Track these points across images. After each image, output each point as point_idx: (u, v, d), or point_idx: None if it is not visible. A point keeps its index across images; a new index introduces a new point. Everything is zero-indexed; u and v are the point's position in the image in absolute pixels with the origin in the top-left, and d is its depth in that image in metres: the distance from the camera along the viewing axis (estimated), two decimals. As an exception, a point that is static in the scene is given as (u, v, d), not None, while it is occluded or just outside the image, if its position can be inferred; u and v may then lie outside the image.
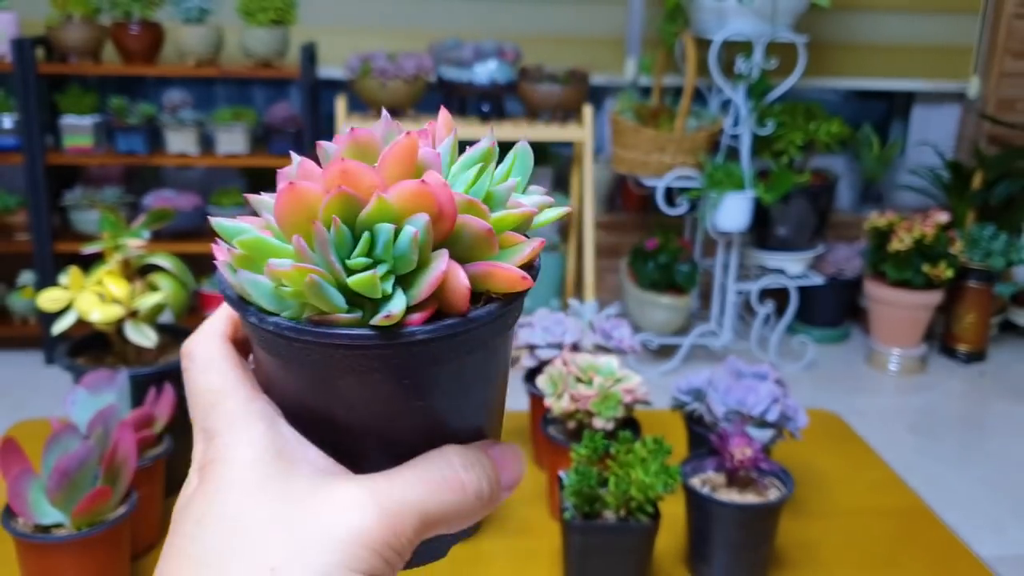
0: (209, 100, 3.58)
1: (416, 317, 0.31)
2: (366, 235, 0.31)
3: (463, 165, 0.35)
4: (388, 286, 0.31)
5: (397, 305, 0.31)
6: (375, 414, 0.33)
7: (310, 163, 0.32)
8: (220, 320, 0.36)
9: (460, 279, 0.31)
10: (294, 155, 0.34)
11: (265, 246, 0.32)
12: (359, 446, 0.33)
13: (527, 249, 0.33)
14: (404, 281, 0.32)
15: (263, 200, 0.34)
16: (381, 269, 0.31)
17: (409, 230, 0.31)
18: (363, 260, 0.31)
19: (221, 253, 0.34)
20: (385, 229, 0.31)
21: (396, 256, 0.31)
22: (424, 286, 0.31)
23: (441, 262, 0.31)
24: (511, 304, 0.33)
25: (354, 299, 0.31)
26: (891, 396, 3.17)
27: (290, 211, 0.31)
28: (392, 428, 0.33)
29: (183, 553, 0.30)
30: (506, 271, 0.32)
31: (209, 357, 0.35)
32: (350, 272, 0.31)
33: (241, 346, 0.36)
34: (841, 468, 1.35)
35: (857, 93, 3.84)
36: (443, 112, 0.36)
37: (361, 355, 0.31)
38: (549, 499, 1.19)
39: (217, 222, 0.33)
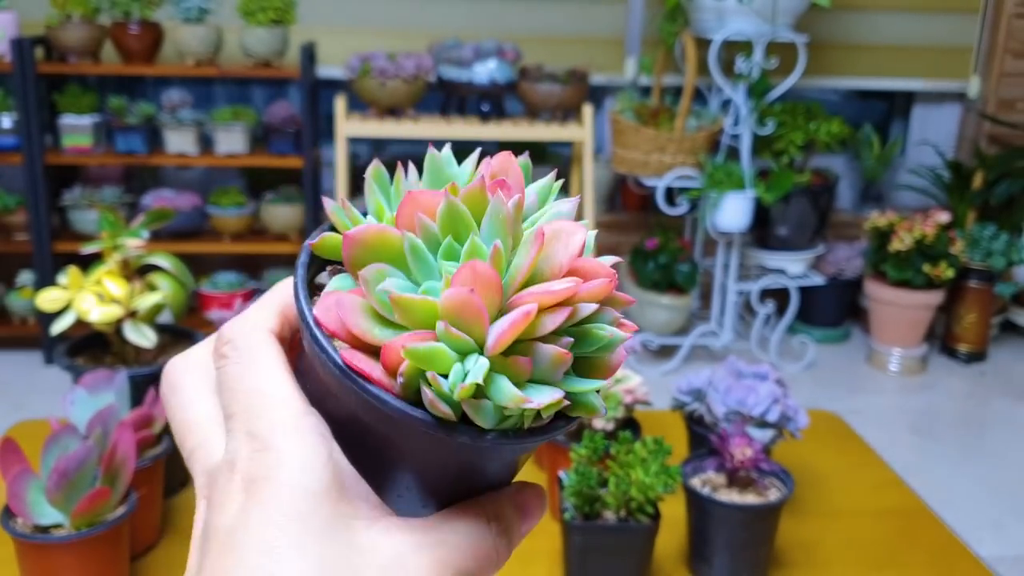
0: (208, 100, 3.58)
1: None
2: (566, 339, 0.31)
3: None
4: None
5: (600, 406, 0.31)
6: (432, 467, 0.32)
7: (485, 269, 0.28)
8: (268, 311, 0.34)
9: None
10: (431, 227, 0.31)
11: (488, 375, 0.29)
12: (398, 485, 0.33)
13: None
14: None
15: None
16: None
17: (619, 335, 0.31)
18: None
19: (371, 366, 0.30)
20: (599, 338, 0.31)
21: (593, 360, 0.32)
22: (610, 365, 0.32)
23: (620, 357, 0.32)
24: None
25: None
26: (891, 396, 3.17)
27: (509, 336, 0.29)
28: (442, 476, 0.33)
29: None
30: (629, 323, 0.33)
31: (255, 353, 0.32)
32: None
33: (286, 344, 0.34)
34: (841, 468, 1.35)
35: (857, 93, 3.84)
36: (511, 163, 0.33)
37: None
38: (549, 499, 1.19)
39: (412, 348, 0.28)
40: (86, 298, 1.14)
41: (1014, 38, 3.55)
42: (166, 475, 1.13)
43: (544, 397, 0.29)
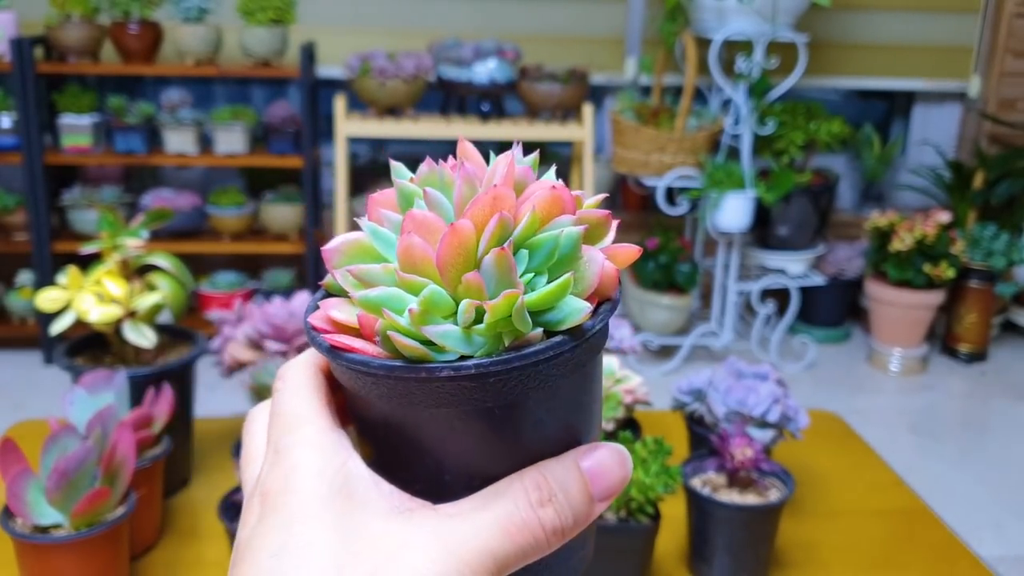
0: (208, 99, 3.57)
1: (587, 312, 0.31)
2: (523, 252, 0.31)
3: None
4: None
5: (582, 307, 0.31)
6: (462, 439, 0.32)
7: (422, 214, 0.31)
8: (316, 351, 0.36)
9: (611, 266, 0.32)
10: (389, 215, 0.34)
11: (439, 298, 0.30)
12: (443, 471, 0.32)
13: (612, 233, 0.34)
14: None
15: (379, 237, 0.33)
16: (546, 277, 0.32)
17: (572, 231, 0.31)
18: (530, 275, 0.31)
19: (337, 325, 0.33)
20: (549, 239, 0.31)
21: (560, 261, 0.32)
22: (591, 281, 0.32)
23: (596, 254, 0.32)
24: (618, 300, 0.34)
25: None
26: (892, 396, 3.17)
27: (453, 252, 0.30)
28: (476, 448, 0.32)
29: None
30: (628, 248, 0.34)
31: (298, 383, 0.35)
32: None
33: (331, 376, 0.36)
34: (842, 468, 1.34)
35: (858, 92, 3.83)
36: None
37: (556, 364, 0.31)
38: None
39: (364, 296, 0.31)
40: (85, 298, 1.14)
41: (1014, 37, 3.55)
42: (166, 475, 1.13)
43: (496, 299, 0.29)
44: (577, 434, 0.33)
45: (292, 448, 0.32)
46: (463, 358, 0.30)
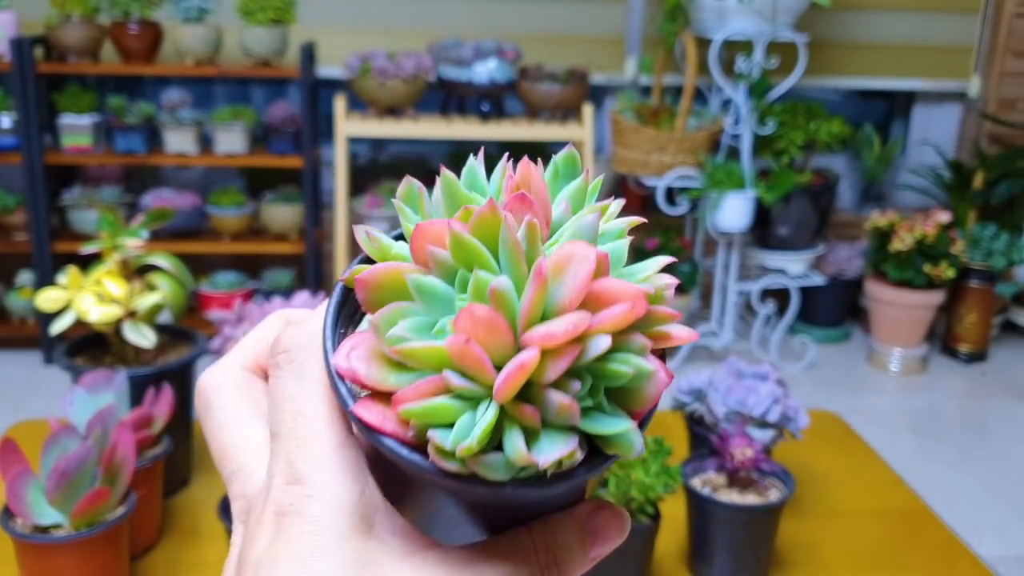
0: (208, 99, 3.57)
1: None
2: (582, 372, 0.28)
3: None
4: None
5: (637, 443, 0.28)
6: (474, 504, 0.31)
7: (487, 315, 0.26)
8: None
9: (665, 380, 0.29)
10: (441, 258, 0.28)
11: (494, 425, 0.28)
12: (445, 515, 0.32)
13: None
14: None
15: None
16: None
17: (644, 368, 0.27)
18: (585, 397, 0.28)
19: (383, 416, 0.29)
20: (616, 374, 0.27)
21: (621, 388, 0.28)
22: (645, 404, 0.29)
23: (659, 375, 0.28)
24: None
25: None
26: (892, 396, 3.17)
27: (515, 383, 0.27)
28: (487, 510, 0.31)
29: None
30: (683, 331, 0.29)
31: (308, 369, 0.31)
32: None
33: None
34: (842, 468, 1.34)
35: (858, 92, 3.83)
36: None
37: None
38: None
39: (407, 409, 0.28)
40: (85, 298, 1.14)
41: (1015, 37, 3.55)
42: (166, 475, 1.13)
43: (552, 453, 0.27)
44: (582, 492, 0.34)
45: (306, 467, 0.30)
46: None
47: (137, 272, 1.22)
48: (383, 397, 0.28)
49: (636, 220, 0.31)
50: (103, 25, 2.97)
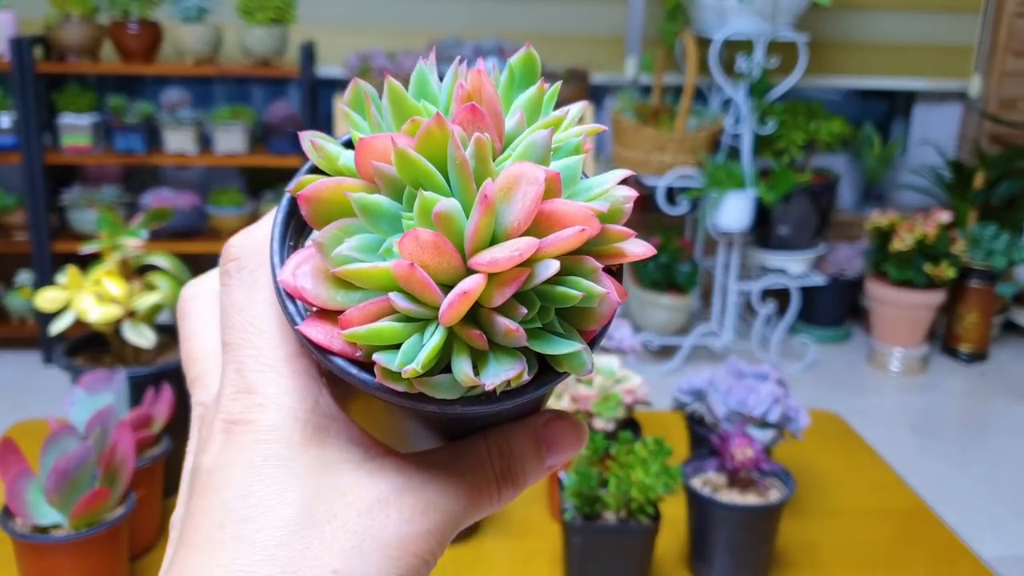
0: (208, 99, 3.57)
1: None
2: (530, 296, 0.28)
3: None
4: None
5: (587, 363, 0.28)
6: (426, 416, 0.30)
7: (432, 239, 0.26)
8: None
9: (616, 301, 0.28)
10: (387, 174, 0.27)
11: (441, 348, 0.28)
12: (400, 425, 0.31)
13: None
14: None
15: None
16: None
17: (595, 290, 0.27)
18: (532, 319, 0.27)
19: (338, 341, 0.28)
20: (563, 296, 0.27)
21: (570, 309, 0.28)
22: (596, 323, 0.28)
23: (611, 294, 0.28)
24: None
25: None
26: (892, 396, 3.17)
27: (460, 308, 0.26)
28: (441, 422, 0.31)
29: (234, 532, 0.28)
30: (638, 247, 0.29)
31: (259, 278, 0.30)
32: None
33: None
34: (842, 469, 1.34)
35: (858, 92, 3.83)
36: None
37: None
38: (549, 500, 1.19)
39: (351, 332, 0.27)
40: (85, 298, 1.14)
41: (1015, 37, 3.55)
42: (165, 475, 1.12)
43: (499, 376, 0.26)
44: (539, 403, 0.33)
45: (258, 376, 0.29)
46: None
47: (137, 272, 1.22)
48: (331, 315, 0.28)
49: (596, 127, 0.30)
50: (103, 25, 2.97)
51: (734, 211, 2.93)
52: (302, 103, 3.01)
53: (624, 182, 0.29)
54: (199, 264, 3.25)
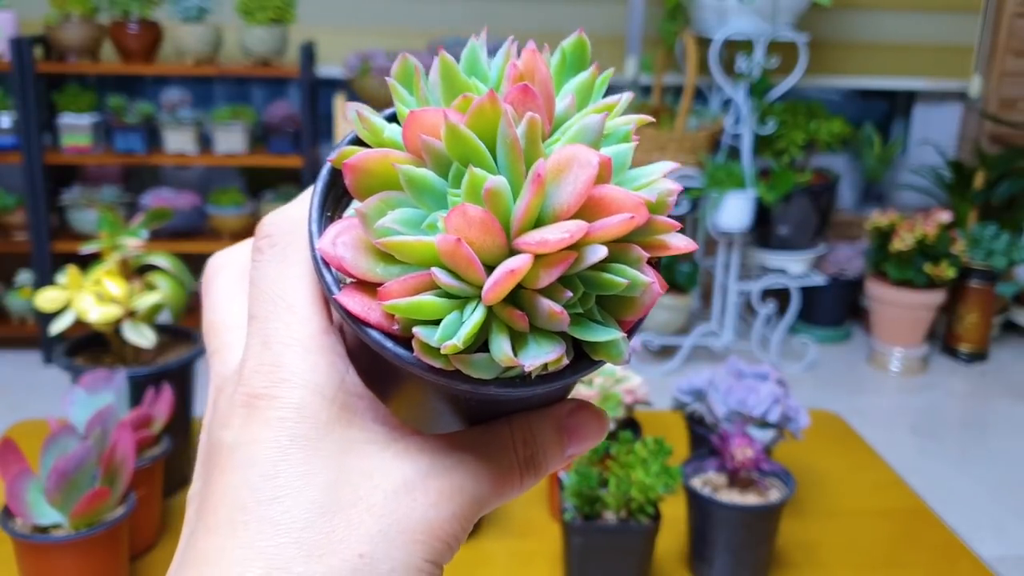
0: (208, 99, 3.57)
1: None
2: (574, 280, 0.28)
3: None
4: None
5: (624, 351, 0.28)
6: (456, 398, 0.30)
7: (479, 215, 0.26)
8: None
9: (659, 292, 0.28)
10: (437, 150, 0.27)
11: (482, 325, 0.28)
12: (426, 406, 0.31)
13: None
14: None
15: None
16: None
17: (639, 279, 0.27)
18: (575, 304, 0.28)
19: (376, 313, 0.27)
20: (612, 284, 0.27)
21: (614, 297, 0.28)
22: (636, 314, 0.29)
23: (654, 286, 0.28)
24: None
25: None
26: (893, 396, 3.17)
27: (505, 285, 0.26)
28: (470, 404, 0.31)
29: (258, 514, 0.27)
30: (682, 241, 0.29)
31: (291, 254, 0.30)
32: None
33: None
34: (842, 469, 1.34)
35: (858, 92, 3.83)
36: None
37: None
38: (549, 500, 1.19)
39: (393, 303, 0.26)
40: (85, 298, 1.14)
41: (1015, 37, 3.55)
42: (166, 475, 1.12)
43: (538, 358, 0.26)
44: (565, 392, 0.33)
45: (284, 351, 0.29)
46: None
47: (137, 272, 1.22)
48: (368, 287, 0.27)
49: (644, 119, 0.30)
50: (103, 25, 2.97)
51: (734, 211, 2.93)
52: (302, 103, 3.01)
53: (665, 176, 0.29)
54: (199, 264, 3.25)
